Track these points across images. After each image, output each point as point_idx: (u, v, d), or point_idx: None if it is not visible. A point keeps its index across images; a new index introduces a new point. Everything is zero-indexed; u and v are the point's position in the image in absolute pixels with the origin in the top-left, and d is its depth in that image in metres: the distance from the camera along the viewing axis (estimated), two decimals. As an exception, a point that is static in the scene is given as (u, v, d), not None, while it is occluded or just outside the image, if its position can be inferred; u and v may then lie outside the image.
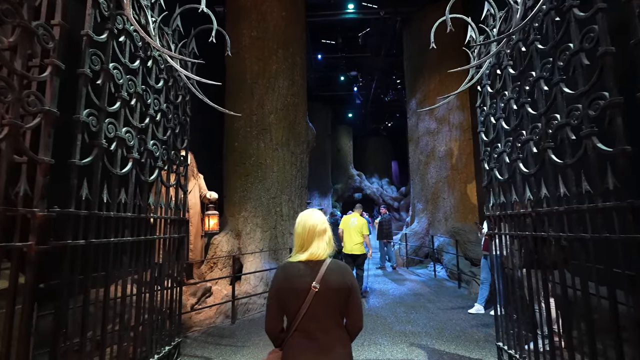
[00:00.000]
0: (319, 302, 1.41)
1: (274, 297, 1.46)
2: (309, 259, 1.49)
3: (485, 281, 4.74)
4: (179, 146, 3.39)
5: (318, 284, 1.41)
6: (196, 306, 4.79)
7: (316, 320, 1.42)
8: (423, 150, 9.81)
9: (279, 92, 6.50)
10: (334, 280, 1.44)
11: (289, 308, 1.44)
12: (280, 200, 6.26)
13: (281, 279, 1.47)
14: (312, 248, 1.51)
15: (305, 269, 1.46)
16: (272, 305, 1.46)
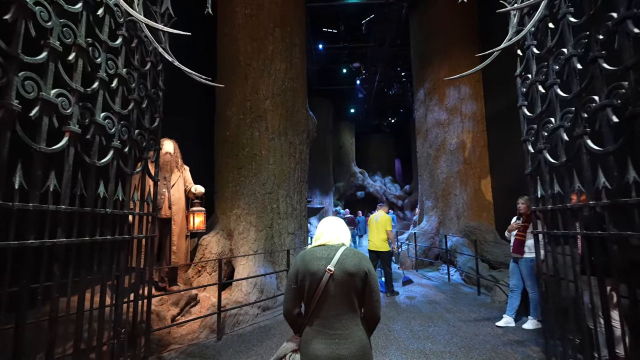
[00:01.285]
0: (334, 285, 1.43)
1: (292, 281, 1.51)
2: (325, 243, 1.58)
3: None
4: (147, 125, 2.72)
5: (333, 267, 1.44)
6: (178, 318, 4.12)
7: (332, 304, 1.43)
8: (432, 143, 9.12)
9: (275, 76, 5.82)
10: (349, 265, 1.46)
11: (306, 292, 1.46)
12: (277, 195, 5.59)
13: (299, 263, 1.51)
14: (327, 234, 1.61)
15: (322, 253, 1.51)
16: (290, 289, 1.51)
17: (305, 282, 1.46)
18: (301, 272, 1.47)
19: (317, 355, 1.39)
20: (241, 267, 4.94)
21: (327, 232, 1.61)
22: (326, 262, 1.46)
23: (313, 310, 1.44)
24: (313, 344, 1.42)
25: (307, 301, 1.47)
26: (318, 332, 1.43)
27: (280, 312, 4.64)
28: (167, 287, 4.51)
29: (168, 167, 4.51)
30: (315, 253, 1.52)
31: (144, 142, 2.65)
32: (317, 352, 1.39)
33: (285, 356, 1.49)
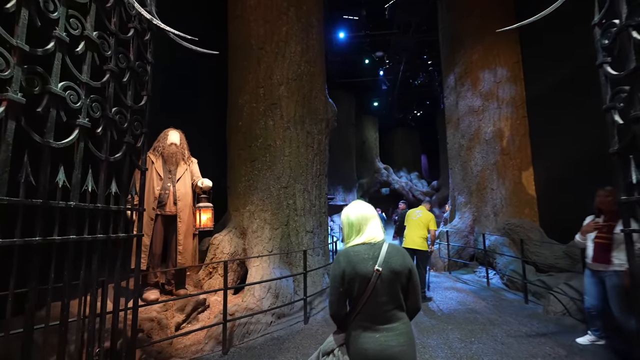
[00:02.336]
0: (381, 284, 1.44)
1: (338, 282, 1.48)
2: (367, 241, 1.54)
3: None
4: (129, 103, 2.27)
5: (380, 267, 1.45)
6: (184, 326, 3.71)
7: (380, 303, 1.44)
8: (465, 132, 8.32)
9: (290, 59, 5.31)
10: (395, 263, 1.47)
11: (353, 292, 1.46)
12: (294, 190, 5.09)
13: (344, 264, 1.48)
14: (368, 231, 1.57)
15: (366, 252, 1.50)
16: (338, 291, 1.49)
17: (354, 284, 1.45)
18: (348, 274, 1.46)
19: (365, 348, 1.41)
20: (254, 269, 4.48)
21: (367, 228, 1.57)
22: (373, 263, 1.46)
23: (361, 308, 1.45)
24: (361, 338, 1.43)
25: (355, 300, 1.47)
26: (365, 327, 1.44)
27: (298, 320, 4.14)
28: (174, 291, 4.13)
29: (173, 159, 4.11)
30: (360, 253, 1.50)
31: (124, 123, 2.21)
32: (366, 345, 1.41)
33: (332, 351, 1.49)
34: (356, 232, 1.57)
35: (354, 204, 1.66)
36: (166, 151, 4.09)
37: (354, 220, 1.59)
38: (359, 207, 1.63)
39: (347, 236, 1.60)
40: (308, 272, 4.30)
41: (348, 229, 1.60)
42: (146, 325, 3.30)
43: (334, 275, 1.50)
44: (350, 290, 1.47)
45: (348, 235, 1.60)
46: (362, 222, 1.58)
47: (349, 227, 1.60)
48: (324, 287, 4.88)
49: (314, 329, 3.85)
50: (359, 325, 1.46)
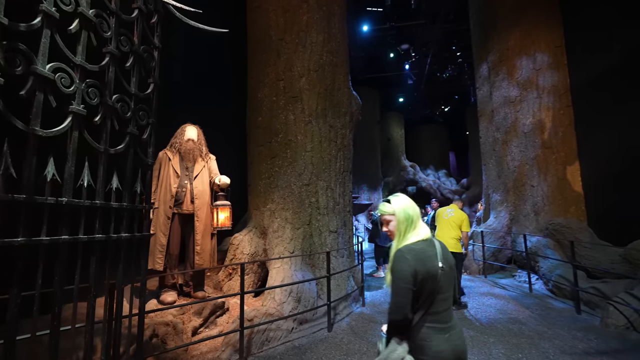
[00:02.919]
0: (444, 282, 1.42)
1: (410, 283, 1.38)
2: (425, 238, 1.50)
3: None
4: (133, 90, 2.07)
5: (442, 263, 1.43)
6: (201, 330, 3.52)
7: (442, 299, 1.41)
8: (500, 125, 7.71)
9: (311, 50, 5.04)
10: (449, 258, 1.49)
11: (423, 292, 1.40)
12: (316, 187, 4.80)
13: (414, 262, 1.40)
14: (421, 227, 1.53)
15: (429, 249, 1.46)
16: (409, 292, 1.38)
17: (425, 283, 1.40)
18: (420, 273, 1.39)
19: (439, 351, 1.36)
20: (275, 271, 4.24)
21: (420, 224, 1.54)
22: (436, 260, 1.44)
23: (428, 308, 1.40)
24: (433, 341, 1.37)
25: (423, 301, 1.41)
26: (433, 328, 1.39)
27: (321, 327, 3.85)
28: (192, 293, 3.96)
29: (190, 155, 3.95)
30: (425, 250, 1.45)
31: (127, 112, 2.01)
32: (439, 347, 1.36)
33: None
34: (412, 228, 1.50)
35: (405, 199, 1.58)
36: (183, 147, 3.94)
37: (413, 215, 1.52)
38: (411, 202, 1.57)
39: (403, 232, 1.50)
40: (332, 275, 4.00)
41: (406, 225, 1.50)
42: (161, 329, 3.13)
43: (403, 275, 1.39)
44: (420, 290, 1.39)
45: (405, 231, 1.50)
46: (417, 218, 1.53)
47: (406, 223, 1.50)
48: (349, 292, 4.57)
49: (338, 338, 3.55)
50: (427, 327, 1.39)
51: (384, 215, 1.60)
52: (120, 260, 1.94)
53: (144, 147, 2.21)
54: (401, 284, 1.39)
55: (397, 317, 1.39)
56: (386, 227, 1.61)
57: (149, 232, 2.17)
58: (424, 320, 1.39)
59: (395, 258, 1.45)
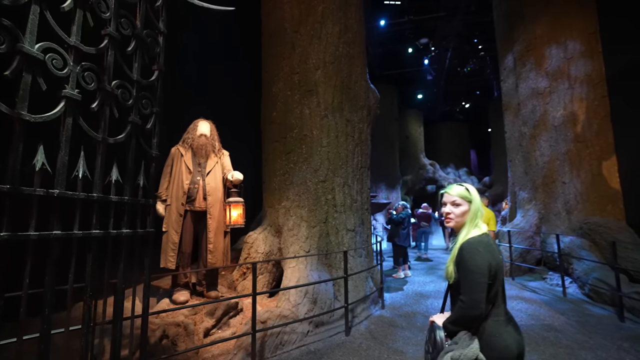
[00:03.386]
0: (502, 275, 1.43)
1: (486, 277, 1.35)
2: (486, 231, 1.48)
3: None
4: (136, 76, 1.94)
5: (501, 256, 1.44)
6: (213, 331, 3.39)
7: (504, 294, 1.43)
8: (527, 119, 7.28)
9: (327, 41, 4.84)
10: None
11: (494, 286, 1.38)
12: (333, 184, 4.61)
13: (488, 255, 1.38)
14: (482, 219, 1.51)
15: (492, 242, 1.45)
16: (485, 286, 1.35)
17: (498, 275, 1.39)
18: (494, 266, 1.38)
19: (507, 346, 1.34)
20: (290, 271, 4.07)
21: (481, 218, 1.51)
22: (500, 253, 1.45)
23: (495, 301, 1.39)
24: (503, 335, 1.36)
25: (493, 294, 1.39)
26: (499, 322, 1.38)
27: (338, 330, 3.66)
28: (205, 292, 3.85)
29: (203, 151, 3.84)
30: (491, 243, 1.44)
31: (129, 99, 1.88)
32: (507, 342, 1.34)
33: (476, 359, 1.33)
34: (479, 220, 1.49)
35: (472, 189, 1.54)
36: (195, 143, 3.83)
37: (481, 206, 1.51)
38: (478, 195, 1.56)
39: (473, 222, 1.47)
40: (349, 275, 3.79)
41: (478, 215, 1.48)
42: (172, 330, 3.02)
43: (480, 269, 1.36)
44: (492, 284, 1.38)
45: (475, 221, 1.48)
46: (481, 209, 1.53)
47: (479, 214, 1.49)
48: (368, 293, 4.35)
49: (356, 343, 3.34)
50: (495, 322, 1.38)
51: (456, 198, 1.51)
52: (121, 259, 1.81)
53: (147, 137, 2.08)
54: (479, 278, 1.35)
55: (474, 312, 1.34)
56: (448, 210, 1.52)
57: (153, 229, 2.04)
58: (491, 315, 1.37)
59: (469, 251, 1.39)
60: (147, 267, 1.99)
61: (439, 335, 1.46)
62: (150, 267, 2.01)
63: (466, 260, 1.38)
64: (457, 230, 1.54)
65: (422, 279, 6.53)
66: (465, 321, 1.39)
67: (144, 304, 1.96)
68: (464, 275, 1.38)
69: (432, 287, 5.74)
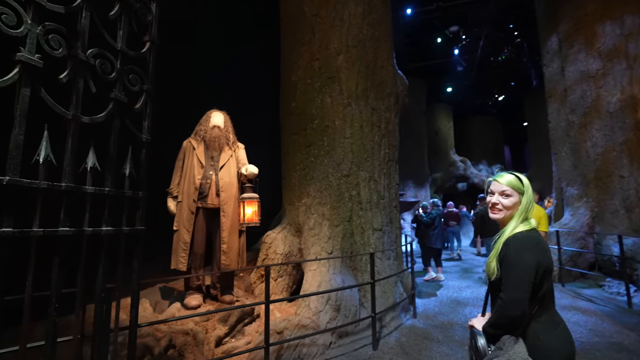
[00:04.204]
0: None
1: (532, 276, 1.24)
2: (535, 226, 1.36)
3: None
4: (120, 46, 1.64)
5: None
6: (226, 340, 3.08)
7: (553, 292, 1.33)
8: (576, 105, 6.51)
9: (349, 23, 4.44)
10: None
11: (543, 286, 1.27)
12: (357, 179, 4.20)
13: (537, 252, 1.27)
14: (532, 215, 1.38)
15: (542, 239, 1.34)
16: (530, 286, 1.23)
17: (546, 276, 1.27)
18: (543, 266, 1.26)
19: (555, 348, 1.25)
20: (310, 274, 3.71)
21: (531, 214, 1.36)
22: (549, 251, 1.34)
23: (541, 302, 1.28)
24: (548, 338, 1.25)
25: (541, 294, 1.27)
26: (546, 323, 1.28)
27: (364, 342, 3.25)
28: (219, 296, 3.56)
29: (216, 144, 3.55)
30: (541, 240, 1.31)
31: (111, 72, 1.58)
32: (554, 344, 1.25)
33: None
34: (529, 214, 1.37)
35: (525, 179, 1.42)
36: (208, 135, 3.55)
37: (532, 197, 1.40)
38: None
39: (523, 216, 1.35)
40: (377, 280, 3.37)
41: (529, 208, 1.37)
42: (179, 339, 2.74)
43: (525, 265, 1.25)
44: (540, 283, 1.27)
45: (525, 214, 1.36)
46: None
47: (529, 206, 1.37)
48: (397, 300, 3.90)
49: (386, 358, 2.91)
50: (541, 323, 1.28)
51: (506, 188, 1.37)
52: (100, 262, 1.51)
53: (137, 119, 1.78)
54: (524, 277, 1.24)
55: (514, 312, 1.23)
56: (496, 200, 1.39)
57: (143, 227, 1.73)
58: (538, 316, 1.28)
59: (515, 246, 1.28)
60: (136, 272, 1.68)
61: (480, 342, 1.33)
62: (140, 272, 1.70)
63: (511, 256, 1.27)
64: (503, 224, 1.40)
65: (456, 283, 5.97)
66: (506, 323, 1.26)
67: (131, 316, 1.66)
68: (507, 272, 1.27)
69: (470, 294, 5.17)
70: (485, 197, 4.99)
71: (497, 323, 1.29)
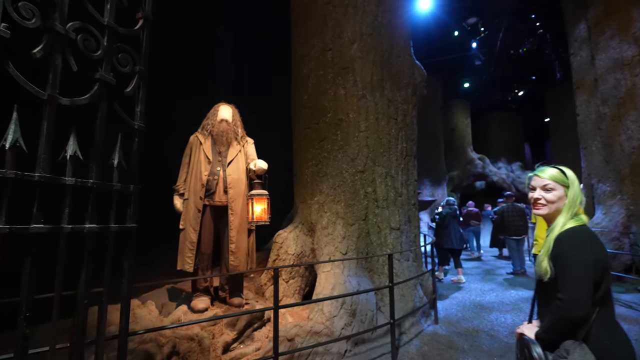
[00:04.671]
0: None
1: (591, 272, 1.15)
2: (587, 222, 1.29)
3: None
4: (107, 20, 1.45)
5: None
6: (234, 346, 2.89)
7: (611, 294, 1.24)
8: (608, 96, 6.07)
9: (363, 10, 4.19)
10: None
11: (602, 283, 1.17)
12: (373, 175, 3.95)
13: (593, 248, 1.19)
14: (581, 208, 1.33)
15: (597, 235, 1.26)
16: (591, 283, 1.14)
17: (605, 273, 1.18)
18: (601, 262, 1.17)
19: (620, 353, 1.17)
20: (324, 276, 3.48)
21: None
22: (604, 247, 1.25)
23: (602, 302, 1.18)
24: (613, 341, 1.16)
25: (601, 294, 1.17)
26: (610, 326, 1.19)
27: (382, 351, 3.00)
28: (228, 299, 3.38)
29: (224, 138, 3.37)
30: (596, 236, 1.24)
31: (96, 49, 1.40)
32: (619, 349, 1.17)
33: None
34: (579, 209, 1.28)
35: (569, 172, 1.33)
36: (216, 129, 3.37)
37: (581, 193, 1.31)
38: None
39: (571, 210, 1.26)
40: (396, 284, 3.12)
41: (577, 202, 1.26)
42: (183, 345, 2.56)
43: (584, 261, 1.15)
44: (600, 281, 1.16)
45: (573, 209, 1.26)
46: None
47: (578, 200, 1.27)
48: (417, 305, 3.63)
49: (407, 369, 2.67)
50: (605, 326, 1.17)
51: (548, 182, 1.31)
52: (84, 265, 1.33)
53: (130, 105, 1.59)
54: (584, 274, 1.16)
55: (577, 313, 1.14)
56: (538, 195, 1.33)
57: (135, 224, 1.54)
58: (600, 317, 1.18)
59: (570, 242, 1.21)
60: (126, 275, 1.49)
61: (536, 351, 1.20)
62: (132, 275, 1.51)
63: (566, 252, 1.19)
64: (550, 221, 1.34)
65: (479, 286, 5.63)
66: (567, 326, 1.17)
67: (121, 325, 1.47)
68: (563, 270, 1.18)
69: (494, 298, 4.84)
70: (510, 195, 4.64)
71: (554, 327, 1.20)
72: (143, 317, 2.93)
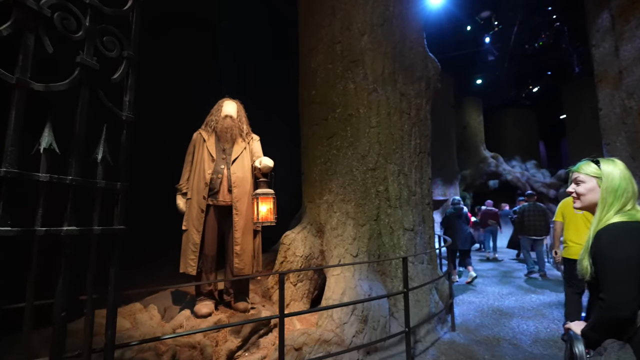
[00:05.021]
0: None
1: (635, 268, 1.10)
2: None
3: None
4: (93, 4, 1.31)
5: None
6: (239, 354, 2.73)
7: None
8: (634, 89, 5.71)
9: (374, 0, 3.99)
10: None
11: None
12: (385, 173, 3.75)
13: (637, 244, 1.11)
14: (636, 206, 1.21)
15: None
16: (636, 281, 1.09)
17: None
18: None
19: None
20: (333, 280, 3.30)
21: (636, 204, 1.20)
22: None
23: None
24: None
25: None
26: None
27: (397, 357, 2.80)
28: (233, 303, 3.22)
29: (228, 135, 3.22)
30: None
31: (77, 30, 1.25)
32: None
33: None
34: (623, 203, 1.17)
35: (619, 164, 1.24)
36: (219, 125, 3.22)
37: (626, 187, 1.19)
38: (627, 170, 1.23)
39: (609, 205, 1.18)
40: (411, 289, 2.91)
41: (614, 196, 1.19)
42: (184, 354, 2.41)
43: (626, 258, 1.09)
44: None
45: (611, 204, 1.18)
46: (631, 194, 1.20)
47: (615, 194, 1.19)
48: (433, 311, 3.41)
49: (423, 381, 2.47)
50: None
51: (578, 175, 1.30)
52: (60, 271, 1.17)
53: (117, 94, 1.44)
54: (625, 271, 1.09)
55: (619, 313, 1.08)
56: (571, 189, 1.33)
57: (123, 226, 1.38)
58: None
59: (609, 238, 1.14)
60: (112, 282, 1.33)
61: (577, 348, 1.18)
62: (119, 281, 1.36)
63: (606, 249, 1.14)
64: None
65: (496, 289, 5.36)
66: (610, 326, 1.13)
67: (106, 336, 1.31)
68: (602, 268, 1.14)
69: (514, 302, 4.58)
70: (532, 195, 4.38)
71: (598, 326, 1.16)
72: (144, 323, 2.80)
